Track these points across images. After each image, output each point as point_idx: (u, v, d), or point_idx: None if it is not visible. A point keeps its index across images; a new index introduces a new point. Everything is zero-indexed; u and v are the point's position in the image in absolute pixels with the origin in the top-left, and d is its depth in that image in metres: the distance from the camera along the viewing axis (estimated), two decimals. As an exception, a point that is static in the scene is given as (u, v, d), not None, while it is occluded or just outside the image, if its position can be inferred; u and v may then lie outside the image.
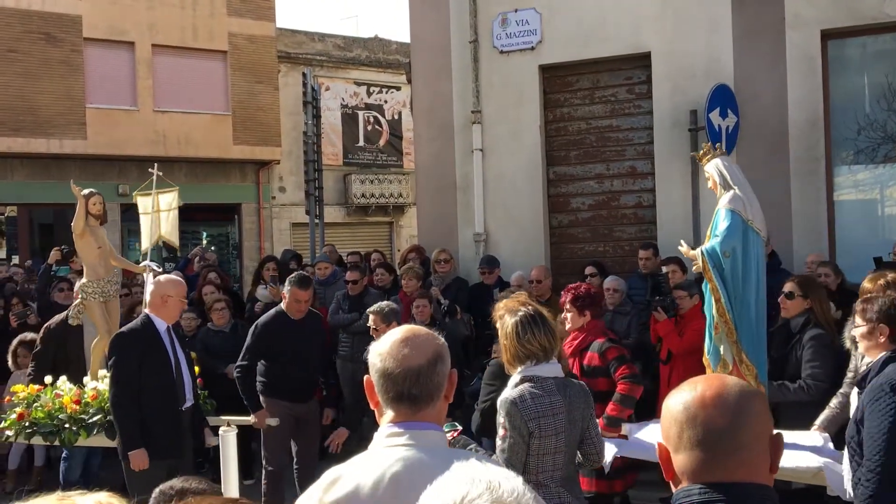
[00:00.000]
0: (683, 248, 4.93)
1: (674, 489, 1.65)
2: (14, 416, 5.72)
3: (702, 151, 5.05)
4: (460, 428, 3.47)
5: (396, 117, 23.10)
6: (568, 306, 5.14)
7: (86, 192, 6.15)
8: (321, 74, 20.73)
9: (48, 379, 5.91)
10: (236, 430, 3.71)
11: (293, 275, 6.41)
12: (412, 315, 7.17)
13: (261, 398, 6.21)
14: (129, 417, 4.92)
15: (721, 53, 8.13)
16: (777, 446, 1.61)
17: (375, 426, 2.10)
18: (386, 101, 23.03)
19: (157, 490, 2.29)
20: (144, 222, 6.81)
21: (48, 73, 17.29)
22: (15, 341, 7.52)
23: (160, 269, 6.76)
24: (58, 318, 6.81)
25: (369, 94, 22.81)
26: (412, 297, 7.48)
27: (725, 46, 8.12)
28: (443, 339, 2.10)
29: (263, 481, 6.33)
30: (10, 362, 7.52)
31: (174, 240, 6.98)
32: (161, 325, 5.15)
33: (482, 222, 9.08)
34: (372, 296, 8.21)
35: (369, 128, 22.77)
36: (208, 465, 7.32)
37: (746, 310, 4.63)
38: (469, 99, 9.13)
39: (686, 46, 8.24)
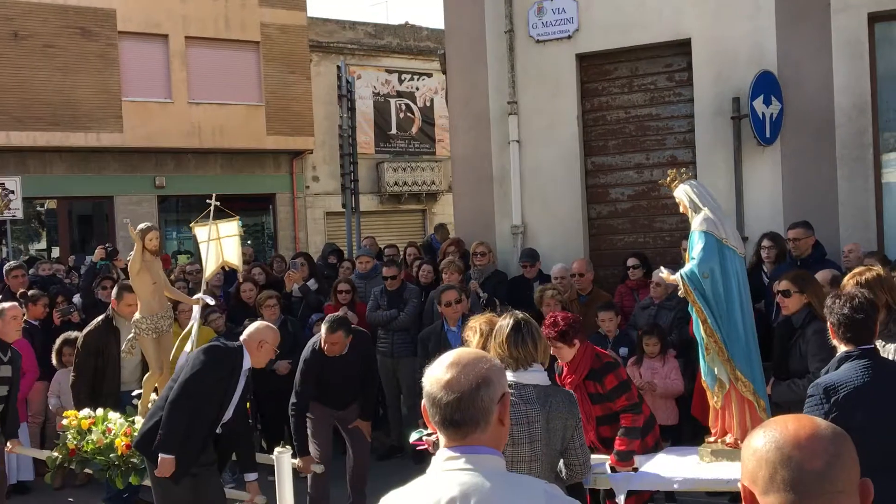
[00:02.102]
0: (663, 273, 5.01)
1: None
2: (66, 450, 5.79)
3: (669, 178, 5.06)
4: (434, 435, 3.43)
5: (428, 104, 23.02)
6: (558, 344, 4.78)
7: (142, 226, 6.01)
8: (352, 63, 20.70)
9: (100, 411, 5.95)
10: (291, 452, 3.69)
11: (326, 319, 6.31)
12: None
13: None
14: (181, 424, 4.91)
15: (764, 39, 7.93)
16: (866, 492, 1.53)
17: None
18: (417, 89, 22.95)
19: None
20: (204, 250, 6.66)
21: (85, 68, 17.49)
22: (59, 340, 7.62)
23: (213, 302, 6.79)
24: (95, 322, 6.87)
25: (401, 81, 22.75)
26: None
27: (769, 32, 7.92)
28: (494, 362, 2.04)
29: (308, 480, 6.36)
30: (54, 361, 7.63)
31: (238, 263, 6.93)
32: (246, 363, 5.12)
33: (520, 214, 8.99)
34: (410, 290, 8.19)
35: (401, 115, 22.73)
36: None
37: (734, 327, 4.70)
38: (505, 90, 9.02)
39: (728, 32, 8.05)
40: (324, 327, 6.13)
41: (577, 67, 8.79)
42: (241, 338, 5.22)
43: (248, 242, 16.05)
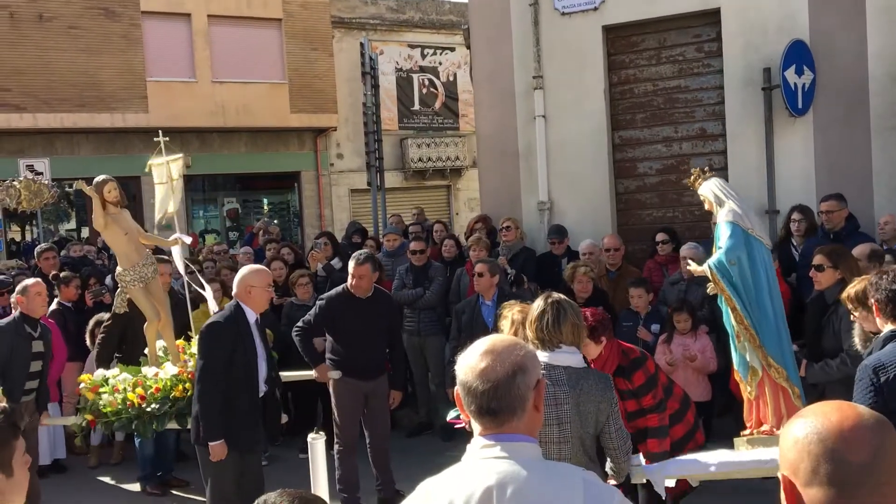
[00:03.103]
0: (691, 266, 5.01)
1: None
2: (86, 420, 5.91)
3: (692, 177, 5.02)
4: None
5: (451, 79, 22.85)
6: (585, 340, 4.84)
7: (98, 179, 5.96)
8: (375, 38, 20.56)
9: (100, 372, 6.03)
10: (324, 438, 3.70)
11: (354, 254, 6.36)
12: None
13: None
14: (214, 409, 4.94)
15: (796, 7, 7.74)
16: None
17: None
18: (440, 63, 22.78)
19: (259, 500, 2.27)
20: (159, 191, 6.58)
21: (109, 48, 17.55)
22: (92, 321, 7.71)
23: (189, 240, 6.79)
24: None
25: (423, 56, 22.59)
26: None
27: (801, -1, 7.74)
28: (528, 349, 2.02)
29: (336, 456, 6.39)
30: (87, 342, 7.73)
31: (174, 211, 6.75)
32: (251, 315, 5.08)
33: (546, 190, 8.92)
34: (435, 268, 8.18)
35: (424, 91, 22.59)
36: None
37: (764, 314, 4.66)
38: (530, 64, 8.91)
39: (758, 1, 7.88)
40: (352, 262, 6.14)
41: (604, 40, 8.66)
42: (233, 294, 5.20)
43: (275, 222, 16.08)
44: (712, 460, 4.61)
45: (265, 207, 21.29)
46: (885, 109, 7.55)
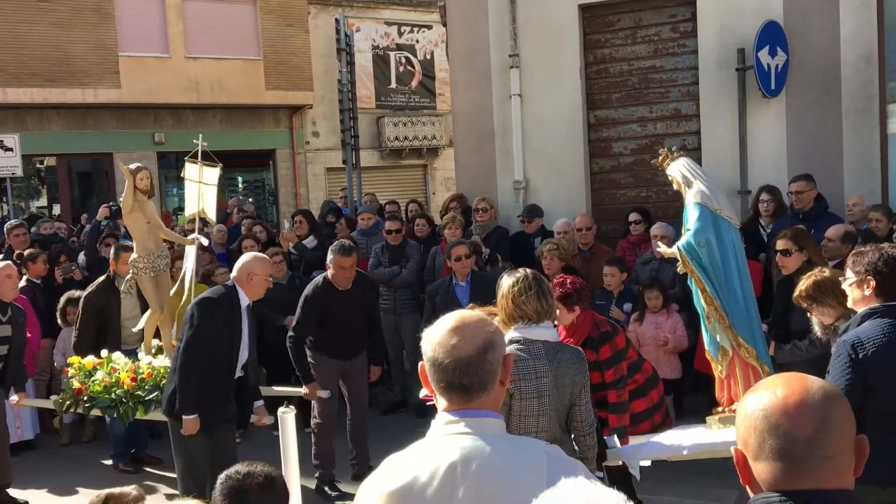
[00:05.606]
0: (661, 248, 5.05)
1: (751, 493, 1.58)
2: (72, 390, 5.89)
3: (661, 157, 5.03)
4: None
5: (428, 57, 22.71)
6: (558, 304, 4.73)
7: (132, 166, 6.09)
8: (351, 15, 20.34)
9: (104, 353, 6.01)
10: (294, 412, 3.70)
11: (335, 244, 6.31)
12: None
13: (308, 353, 6.27)
14: (193, 382, 4.96)
15: (770, -12, 7.80)
16: (862, 450, 1.52)
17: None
18: (417, 41, 22.62)
19: (223, 475, 2.28)
20: (189, 189, 6.73)
21: (81, 22, 17.22)
22: (63, 298, 7.64)
23: (207, 242, 6.80)
24: (97, 282, 6.89)
25: (400, 34, 22.41)
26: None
27: (775, -20, 7.77)
28: (496, 325, 2.02)
29: (313, 431, 6.42)
30: (59, 320, 7.67)
31: (212, 216, 6.97)
32: (244, 300, 5.10)
33: (521, 169, 8.94)
34: (411, 247, 8.18)
35: (401, 69, 22.43)
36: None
37: (733, 295, 4.71)
38: (506, 42, 8.89)
39: (733, -19, 7.91)
40: (335, 254, 6.08)
41: (580, 19, 8.66)
42: (232, 275, 5.22)
43: (250, 200, 15.95)
44: (686, 442, 4.67)
45: (240, 185, 21.10)
46: (856, 91, 7.64)
